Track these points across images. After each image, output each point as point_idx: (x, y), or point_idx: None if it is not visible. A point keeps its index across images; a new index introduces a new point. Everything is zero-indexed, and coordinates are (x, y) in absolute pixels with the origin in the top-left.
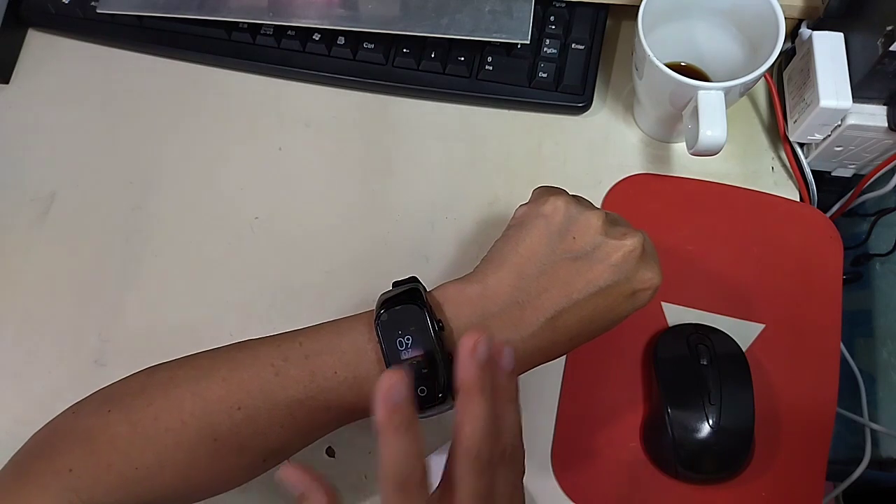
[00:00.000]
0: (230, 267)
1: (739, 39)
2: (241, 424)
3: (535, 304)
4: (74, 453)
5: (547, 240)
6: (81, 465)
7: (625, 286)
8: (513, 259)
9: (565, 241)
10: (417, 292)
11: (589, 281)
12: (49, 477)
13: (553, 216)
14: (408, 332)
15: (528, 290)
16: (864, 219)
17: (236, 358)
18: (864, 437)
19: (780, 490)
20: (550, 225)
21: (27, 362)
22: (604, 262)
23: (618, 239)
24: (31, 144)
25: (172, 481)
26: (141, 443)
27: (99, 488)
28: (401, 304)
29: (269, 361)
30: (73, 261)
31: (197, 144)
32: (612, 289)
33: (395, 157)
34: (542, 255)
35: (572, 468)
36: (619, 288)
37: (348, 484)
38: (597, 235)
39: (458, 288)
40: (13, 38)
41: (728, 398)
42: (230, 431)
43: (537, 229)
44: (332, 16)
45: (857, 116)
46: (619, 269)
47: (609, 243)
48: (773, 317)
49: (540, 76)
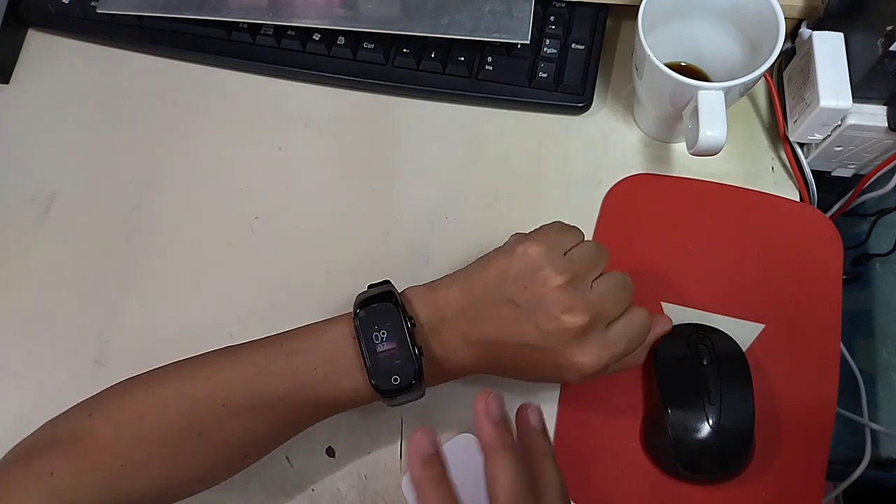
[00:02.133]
0: (230, 267)
1: (739, 39)
2: (225, 420)
3: (479, 325)
4: (55, 457)
5: (502, 278)
6: (63, 468)
7: (550, 356)
8: (473, 280)
9: (517, 286)
10: (392, 294)
11: (518, 332)
12: (30, 481)
13: (518, 260)
14: (383, 327)
15: (476, 310)
16: (864, 219)
17: (218, 360)
18: (864, 437)
19: (780, 490)
20: (512, 266)
21: (27, 362)
22: (536, 323)
23: (561, 311)
24: (31, 144)
25: (158, 477)
26: (126, 441)
27: (82, 489)
28: (377, 303)
29: (252, 361)
30: (73, 261)
31: (197, 144)
32: (538, 351)
33: (395, 157)
34: (494, 288)
35: (572, 468)
36: (544, 354)
37: (348, 484)
38: (545, 296)
39: (424, 290)
40: (13, 38)
41: (728, 398)
42: (215, 427)
43: (500, 264)
44: (332, 16)
45: (857, 116)
46: (546, 338)
47: (550, 309)
48: (773, 317)
49: (540, 76)
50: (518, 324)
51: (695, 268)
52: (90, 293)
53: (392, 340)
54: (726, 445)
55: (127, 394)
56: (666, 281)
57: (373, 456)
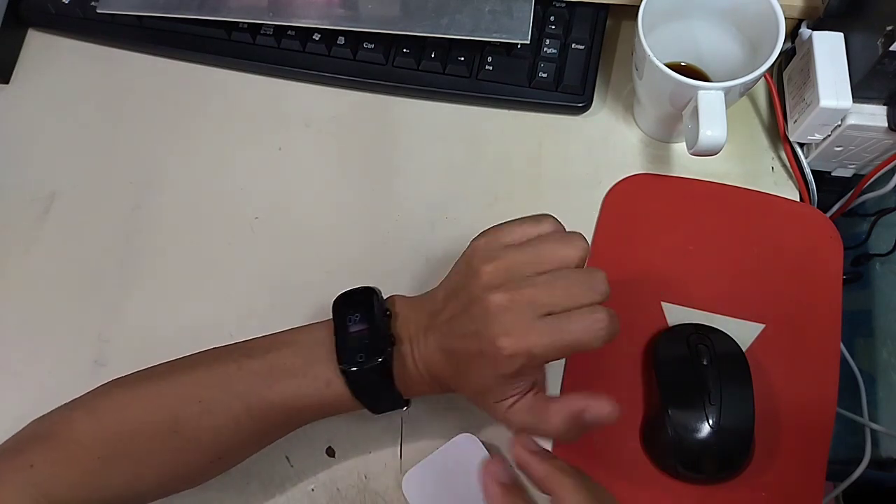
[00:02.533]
0: (230, 267)
1: (739, 39)
2: (199, 416)
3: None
4: (35, 450)
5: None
6: (42, 461)
7: (477, 341)
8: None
9: (462, 283)
10: (373, 289)
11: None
12: (10, 474)
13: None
14: (357, 311)
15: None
16: (864, 219)
17: (202, 357)
18: (864, 437)
19: (780, 490)
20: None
21: (27, 362)
22: (464, 310)
23: (482, 290)
24: (31, 144)
25: (132, 473)
26: (103, 434)
27: (60, 482)
28: (355, 291)
29: (233, 358)
30: (73, 261)
31: (197, 144)
32: (466, 339)
33: (395, 157)
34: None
35: None
36: (476, 341)
37: (348, 484)
38: (474, 281)
39: (404, 298)
40: (13, 38)
41: (728, 398)
42: (189, 422)
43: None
44: (332, 16)
45: (857, 116)
46: (473, 321)
47: (473, 289)
48: (773, 317)
49: (540, 76)
50: (457, 315)
51: (695, 268)
52: (90, 293)
53: (363, 322)
54: (726, 445)
55: (110, 391)
56: (666, 281)
57: (373, 456)
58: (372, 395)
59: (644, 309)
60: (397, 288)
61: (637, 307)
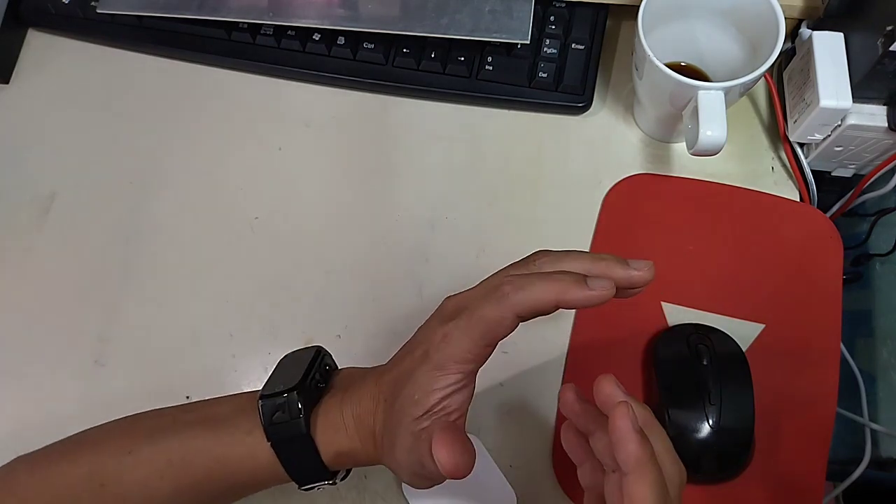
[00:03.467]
0: (230, 267)
1: (739, 39)
2: (127, 470)
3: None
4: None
5: None
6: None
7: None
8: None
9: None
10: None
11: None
12: None
13: None
14: (297, 355)
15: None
16: (864, 219)
17: (141, 414)
18: (864, 437)
19: (780, 490)
20: None
21: (27, 362)
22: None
23: None
24: (31, 144)
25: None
26: (35, 485)
27: None
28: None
29: (173, 412)
30: (73, 261)
31: (197, 144)
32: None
33: (395, 157)
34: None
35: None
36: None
37: (348, 484)
38: None
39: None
40: (13, 38)
41: (728, 398)
42: (116, 477)
43: None
44: (332, 16)
45: (857, 116)
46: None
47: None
48: (773, 317)
49: (540, 76)
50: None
51: (695, 268)
52: (90, 293)
53: (297, 365)
54: (726, 445)
55: (54, 446)
56: (666, 281)
57: None
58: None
59: (644, 309)
60: (397, 287)
61: (637, 307)
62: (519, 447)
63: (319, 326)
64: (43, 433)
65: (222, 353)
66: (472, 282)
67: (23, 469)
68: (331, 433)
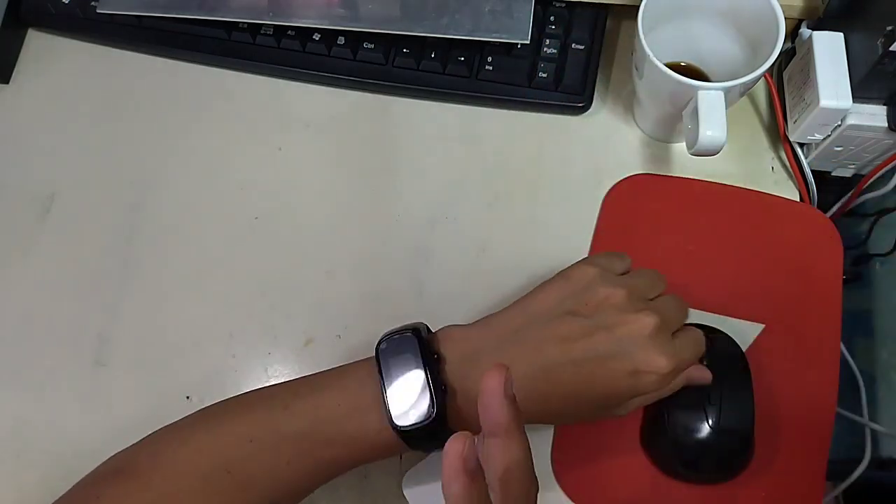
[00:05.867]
0: (230, 267)
1: (739, 39)
2: (250, 457)
3: (532, 347)
4: (104, 483)
5: (561, 296)
6: (108, 493)
7: (625, 362)
8: (524, 303)
9: (577, 303)
10: (418, 329)
11: (588, 344)
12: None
13: (577, 280)
14: (403, 357)
15: (527, 335)
16: (864, 219)
17: (251, 399)
18: (864, 437)
19: (780, 490)
20: (570, 286)
21: (27, 362)
22: (607, 330)
23: (634, 311)
24: (31, 144)
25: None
26: (160, 472)
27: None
28: (399, 335)
29: (281, 398)
30: (73, 261)
31: (197, 144)
32: (611, 360)
33: (395, 157)
34: (551, 307)
35: (573, 469)
36: (619, 362)
37: (349, 484)
38: (610, 307)
39: (460, 328)
40: (13, 38)
41: (728, 398)
42: (241, 463)
43: (556, 285)
44: (332, 16)
45: (857, 116)
46: (620, 342)
47: (620, 315)
48: (773, 317)
49: (540, 76)
50: (586, 336)
51: (695, 268)
52: (90, 293)
53: (412, 372)
54: (726, 445)
55: (171, 430)
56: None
57: None
58: (427, 444)
59: None
60: (397, 287)
61: None
62: None
63: (319, 326)
64: (43, 433)
65: (222, 353)
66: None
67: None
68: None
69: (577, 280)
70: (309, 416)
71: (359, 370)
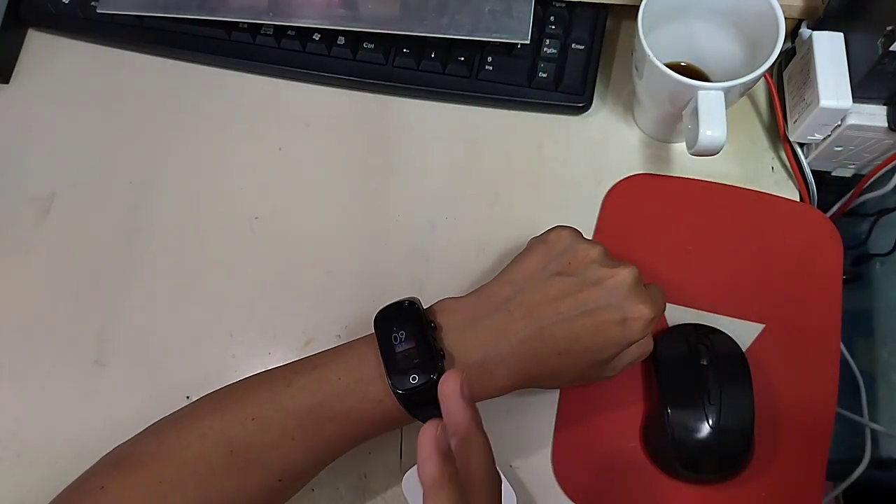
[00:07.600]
0: (230, 267)
1: (739, 39)
2: (254, 435)
3: (524, 312)
4: (106, 473)
5: (544, 260)
6: (112, 483)
7: (614, 311)
8: (509, 273)
9: (561, 264)
10: (413, 300)
11: (578, 300)
12: (81, 495)
13: (555, 242)
14: (401, 328)
15: (519, 301)
16: (864, 219)
17: (254, 379)
18: (864, 437)
19: (780, 490)
20: (550, 250)
21: (27, 362)
22: (595, 284)
23: (612, 267)
24: (31, 144)
25: (193, 497)
26: (164, 457)
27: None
28: (396, 305)
29: (283, 376)
30: (73, 261)
31: (197, 144)
32: (602, 312)
33: (395, 157)
34: (536, 272)
35: (572, 468)
36: (609, 313)
37: (348, 484)
38: (591, 263)
39: (454, 300)
40: (13, 38)
41: (728, 398)
42: (245, 442)
43: (537, 251)
44: (332, 16)
45: (857, 116)
46: (609, 293)
47: (602, 270)
48: (773, 317)
49: (540, 76)
50: (575, 292)
51: (695, 268)
52: (90, 293)
53: (410, 340)
54: (726, 445)
55: (174, 418)
56: (666, 281)
57: (373, 456)
58: (428, 410)
59: None
60: (397, 288)
61: None
62: (519, 447)
63: (319, 326)
64: (43, 433)
65: (222, 353)
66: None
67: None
68: None
69: (554, 242)
70: (311, 391)
71: (359, 346)
